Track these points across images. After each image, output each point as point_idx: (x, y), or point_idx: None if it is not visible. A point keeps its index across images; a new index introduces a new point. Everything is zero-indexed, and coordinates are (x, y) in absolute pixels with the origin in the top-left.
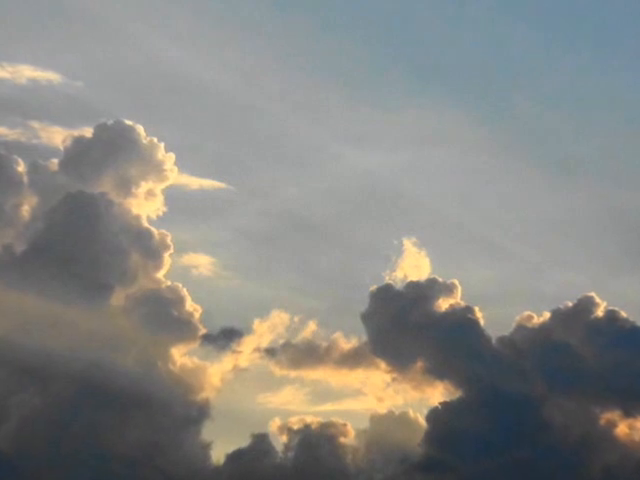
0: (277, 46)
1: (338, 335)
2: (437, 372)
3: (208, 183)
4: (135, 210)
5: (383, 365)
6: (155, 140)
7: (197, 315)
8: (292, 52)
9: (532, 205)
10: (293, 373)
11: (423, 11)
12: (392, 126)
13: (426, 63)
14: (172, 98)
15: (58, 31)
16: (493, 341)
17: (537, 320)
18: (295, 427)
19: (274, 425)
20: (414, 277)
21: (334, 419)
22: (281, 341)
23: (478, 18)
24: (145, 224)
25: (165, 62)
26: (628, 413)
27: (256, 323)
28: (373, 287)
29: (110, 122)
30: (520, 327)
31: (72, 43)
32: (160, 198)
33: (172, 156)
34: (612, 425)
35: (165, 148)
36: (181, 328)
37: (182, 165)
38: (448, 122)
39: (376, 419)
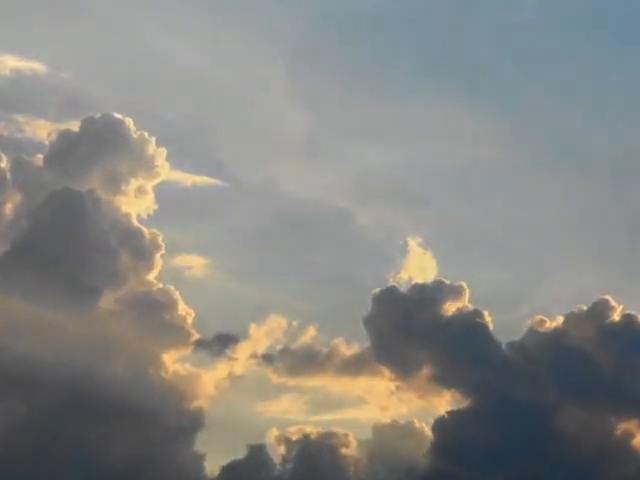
0: (274, 37)
1: (339, 341)
2: (444, 380)
3: (201, 180)
4: (124, 208)
5: (387, 372)
6: (146, 134)
7: (190, 319)
8: (290, 44)
9: (543, 204)
10: (291, 381)
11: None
12: (395, 120)
13: (430, 54)
14: (163, 90)
15: (43, 19)
16: (503, 347)
17: (549, 324)
18: (294, 437)
19: (271, 435)
20: (419, 279)
21: (335, 429)
22: (279, 347)
23: (484, 5)
24: (135, 223)
25: (156, 52)
26: None
27: (252, 328)
28: (376, 290)
29: (98, 115)
30: (531, 332)
31: (58, 31)
32: (151, 195)
33: (163, 151)
34: (629, 435)
35: (156, 143)
36: (173, 333)
37: (174, 161)
38: (455, 116)
39: (379, 429)
